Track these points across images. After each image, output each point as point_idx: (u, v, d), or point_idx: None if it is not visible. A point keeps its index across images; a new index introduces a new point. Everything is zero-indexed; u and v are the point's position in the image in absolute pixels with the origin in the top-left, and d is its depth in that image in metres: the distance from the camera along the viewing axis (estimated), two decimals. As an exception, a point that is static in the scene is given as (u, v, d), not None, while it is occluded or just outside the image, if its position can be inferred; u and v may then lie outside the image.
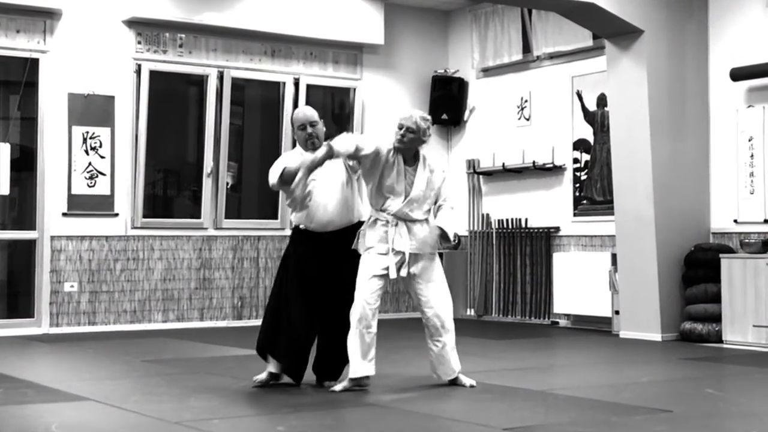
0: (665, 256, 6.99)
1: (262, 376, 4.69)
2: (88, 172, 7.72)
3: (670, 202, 7.04)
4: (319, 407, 4.23)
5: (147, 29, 8.00)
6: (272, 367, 4.66)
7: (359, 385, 4.56)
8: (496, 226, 8.83)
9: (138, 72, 7.93)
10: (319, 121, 4.74)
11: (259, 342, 4.68)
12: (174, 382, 4.86)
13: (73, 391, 4.56)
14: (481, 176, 9.07)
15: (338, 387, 4.58)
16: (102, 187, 7.76)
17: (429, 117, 4.67)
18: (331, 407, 4.21)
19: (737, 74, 7.00)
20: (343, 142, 4.44)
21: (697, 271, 6.94)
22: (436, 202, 4.66)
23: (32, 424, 3.88)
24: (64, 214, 7.64)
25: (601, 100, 7.97)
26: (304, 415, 4.07)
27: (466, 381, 4.69)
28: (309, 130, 4.69)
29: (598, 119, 8.04)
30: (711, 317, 6.80)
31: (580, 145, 8.19)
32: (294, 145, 5.50)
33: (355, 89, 8.94)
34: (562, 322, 8.20)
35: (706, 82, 7.29)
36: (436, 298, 4.60)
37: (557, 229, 8.32)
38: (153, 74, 7.97)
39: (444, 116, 9.16)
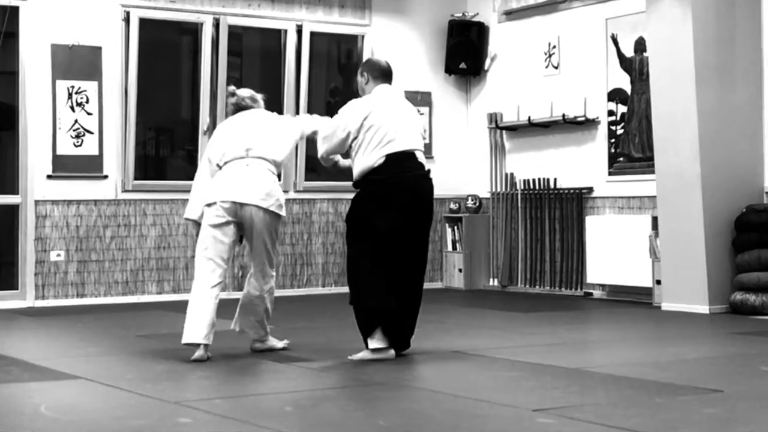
0: (713, 219, 6.92)
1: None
2: (74, 131, 7.67)
3: (718, 159, 6.95)
4: (329, 386, 4.21)
5: (135, -29, 7.92)
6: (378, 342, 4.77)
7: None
8: (522, 187, 8.77)
9: (126, 20, 7.86)
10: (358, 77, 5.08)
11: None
12: (171, 358, 4.86)
13: (63, 369, 4.57)
14: (504, 131, 8.98)
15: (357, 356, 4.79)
16: (89, 147, 7.73)
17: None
18: (343, 386, 4.20)
19: (793, 15, 6.88)
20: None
21: (749, 236, 6.87)
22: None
23: (19, 404, 3.88)
24: (49, 177, 7.61)
25: (640, 45, 7.85)
26: (314, 394, 4.06)
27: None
28: None
29: (635, 66, 7.93)
30: (765, 287, 6.74)
31: (615, 95, 8.09)
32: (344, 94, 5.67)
33: (363, 36, 8.85)
34: (597, 293, 8.16)
35: (759, 23, 7.16)
36: None
37: (590, 189, 8.25)
38: (143, 22, 7.91)
39: (462, 65, 9.07)
